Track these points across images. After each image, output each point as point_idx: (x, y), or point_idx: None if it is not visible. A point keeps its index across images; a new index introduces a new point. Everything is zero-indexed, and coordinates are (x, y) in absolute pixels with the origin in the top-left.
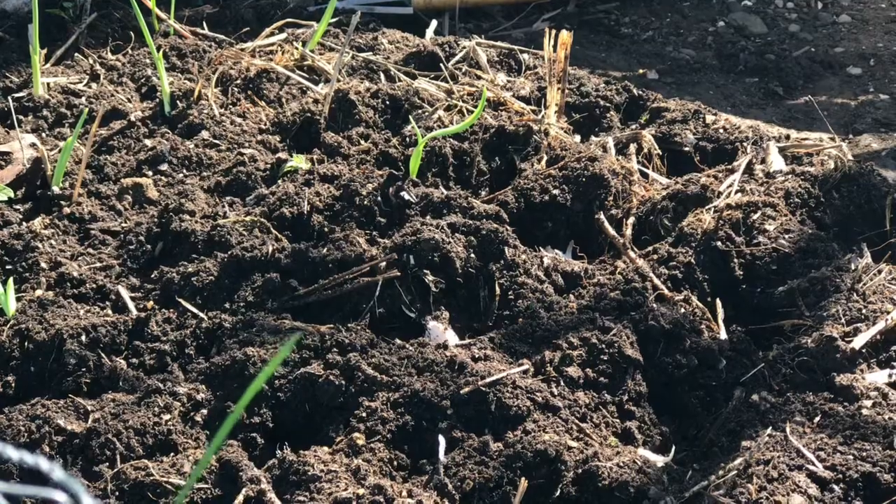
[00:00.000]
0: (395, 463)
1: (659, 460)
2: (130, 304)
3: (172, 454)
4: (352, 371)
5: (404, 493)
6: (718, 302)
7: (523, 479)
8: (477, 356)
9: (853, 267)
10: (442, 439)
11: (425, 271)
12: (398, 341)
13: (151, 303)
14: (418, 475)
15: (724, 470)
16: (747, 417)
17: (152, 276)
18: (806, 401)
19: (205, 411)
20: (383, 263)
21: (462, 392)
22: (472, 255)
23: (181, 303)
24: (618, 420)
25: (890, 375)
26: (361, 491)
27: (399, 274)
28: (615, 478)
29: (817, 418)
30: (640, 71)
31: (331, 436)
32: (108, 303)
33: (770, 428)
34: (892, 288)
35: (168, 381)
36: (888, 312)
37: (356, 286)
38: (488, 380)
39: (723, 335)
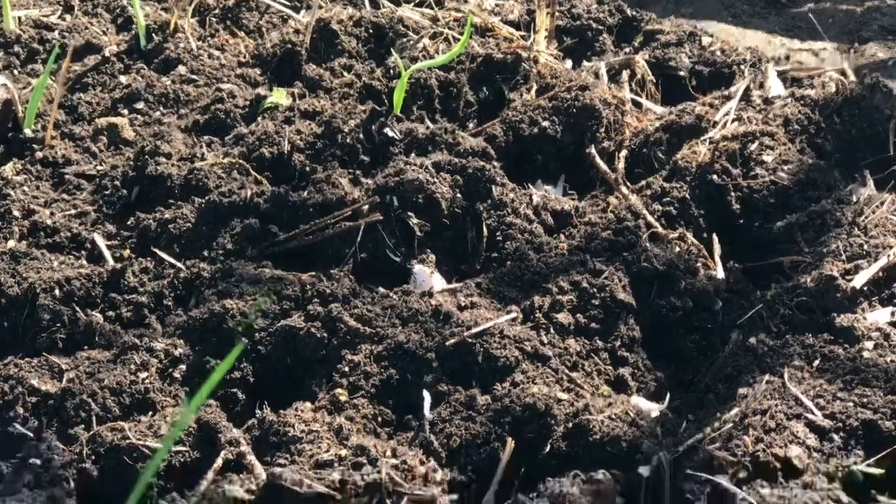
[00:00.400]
0: (380, 419)
1: (653, 409)
2: (107, 254)
3: (150, 413)
4: (334, 323)
5: (388, 453)
6: (715, 238)
7: (510, 439)
8: (463, 304)
9: (854, 198)
10: (427, 395)
11: (409, 214)
12: (381, 290)
13: (128, 251)
14: (403, 431)
15: (720, 421)
16: (744, 362)
17: (128, 222)
18: (805, 343)
19: (183, 367)
20: (366, 207)
21: (448, 343)
22: (458, 195)
23: (158, 253)
24: (610, 367)
25: (892, 314)
26: (344, 452)
27: (382, 218)
28: (607, 432)
29: (816, 362)
30: None
31: (313, 390)
32: (83, 252)
33: (768, 374)
34: (895, 220)
35: (145, 336)
36: (890, 247)
37: (338, 231)
38: (475, 330)
39: (719, 273)
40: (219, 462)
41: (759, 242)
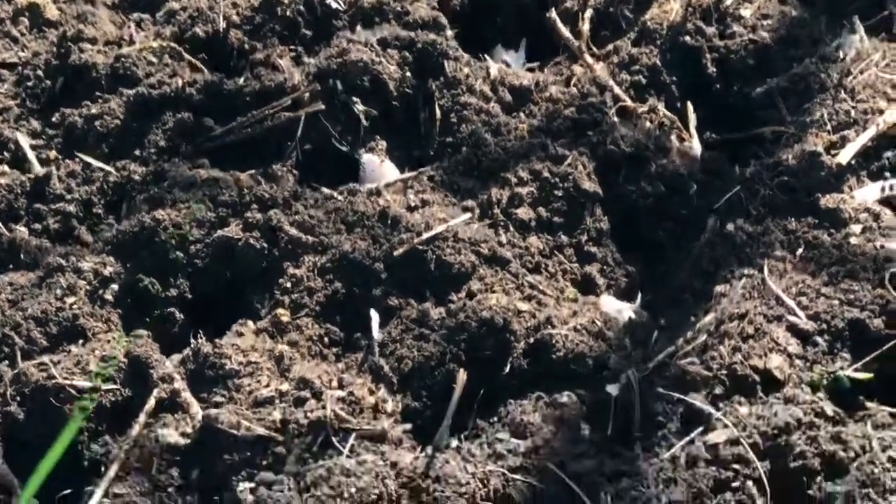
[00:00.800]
0: (326, 339)
1: (624, 309)
2: (31, 156)
3: (81, 342)
4: (274, 232)
5: (334, 383)
6: (690, 106)
7: (462, 371)
8: (413, 203)
9: (842, 55)
10: (375, 314)
11: (355, 99)
12: (325, 191)
13: (54, 153)
14: (352, 352)
15: (694, 330)
16: (721, 253)
17: (53, 119)
18: (787, 229)
19: (115, 287)
20: (307, 95)
21: (396, 253)
22: (408, 74)
23: (84, 158)
24: (576, 265)
25: (882, 189)
26: (285, 386)
27: (324, 107)
28: (571, 348)
29: (800, 250)
30: None
31: (255, 307)
32: (6, 154)
33: (746, 266)
34: (887, 78)
35: (72, 255)
36: (881, 112)
37: (278, 122)
38: (426, 235)
39: (695, 145)
40: (151, 402)
41: (738, 110)
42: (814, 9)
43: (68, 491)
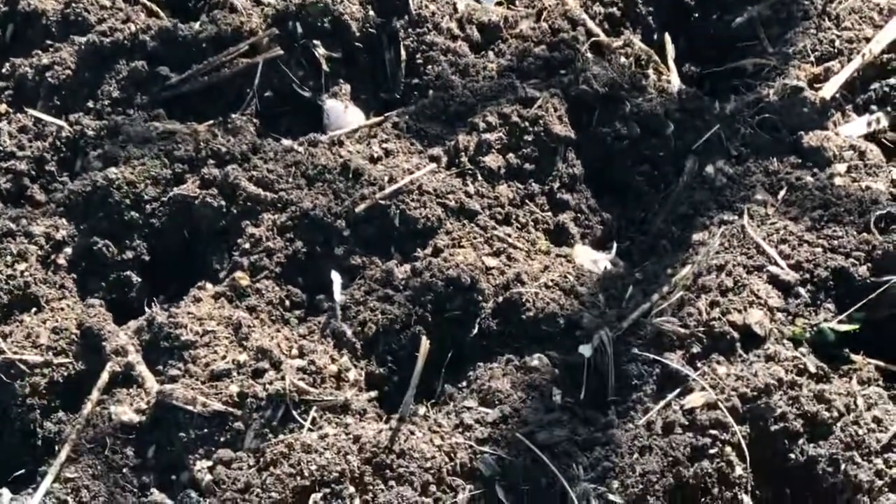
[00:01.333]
0: (287, 302)
1: (599, 260)
2: None
3: (34, 311)
4: (232, 189)
5: (294, 352)
6: (667, 37)
7: (424, 338)
8: (377, 154)
9: None
10: (336, 276)
11: (316, 42)
12: (285, 142)
13: (4, 106)
14: (314, 315)
15: (670, 285)
16: (700, 197)
17: (3, 70)
18: (769, 170)
19: (68, 250)
20: (265, 39)
21: (359, 209)
22: (371, 13)
23: (36, 114)
24: (549, 214)
25: (868, 124)
26: (243, 357)
27: (284, 52)
28: (542, 307)
29: (782, 192)
30: None
31: (214, 268)
32: None
33: (726, 212)
34: (873, 3)
35: (22, 217)
36: (867, 40)
37: (236, 70)
38: (389, 189)
39: (674, 80)
40: (105, 377)
41: (718, 41)
42: None
43: (22, 471)
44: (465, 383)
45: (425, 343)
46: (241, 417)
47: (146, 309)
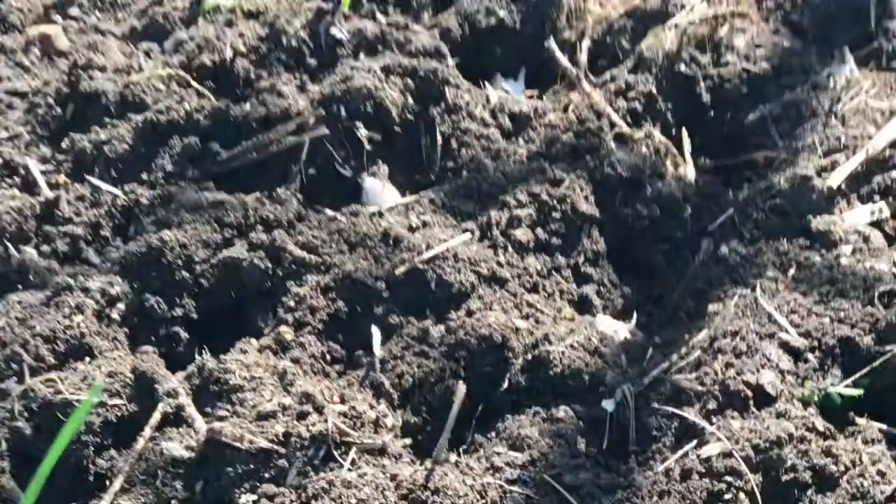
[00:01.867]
0: (328, 357)
1: (619, 329)
2: (41, 180)
3: (87, 360)
4: (278, 252)
5: (336, 398)
6: (685, 132)
7: (461, 383)
8: (415, 224)
9: (832, 83)
10: (376, 331)
11: (357, 124)
12: (328, 212)
13: (63, 177)
14: (354, 369)
15: (688, 346)
16: (715, 273)
17: (63, 145)
18: (779, 250)
19: (122, 306)
20: (311, 119)
21: (398, 271)
22: (410, 101)
23: (93, 182)
24: (573, 286)
25: (872, 213)
26: (288, 400)
27: (328, 131)
28: (568, 364)
29: (791, 271)
30: None
31: (259, 325)
32: (16, 179)
33: (740, 286)
34: (876, 106)
35: (80, 274)
36: (870, 138)
37: (283, 147)
38: (427, 255)
39: (690, 171)
40: (157, 416)
41: (731, 137)
42: (805, 40)
43: None
44: (494, 433)
45: (462, 386)
46: (285, 455)
47: (196, 357)
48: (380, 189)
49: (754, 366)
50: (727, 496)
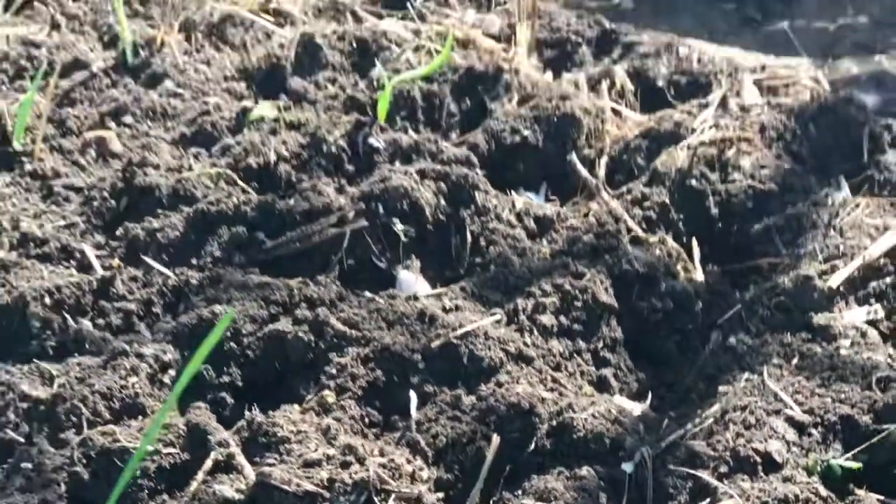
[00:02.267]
0: (367, 420)
1: (635, 408)
2: (95, 263)
3: (140, 417)
4: (321, 326)
5: (376, 452)
6: (694, 242)
7: (496, 435)
8: (448, 307)
9: (830, 202)
10: (413, 395)
11: (394, 220)
12: (368, 294)
13: (117, 261)
14: (390, 432)
15: (701, 417)
16: (724, 361)
17: (117, 233)
18: (783, 342)
19: (172, 372)
20: (351, 213)
21: (433, 345)
22: (443, 202)
23: (147, 261)
24: (593, 368)
25: (868, 313)
26: (332, 451)
27: (367, 224)
28: (590, 429)
29: (795, 360)
30: (615, 1)
31: (301, 393)
32: (72, 262)
33: (747, 372)
34: (870, 223)
35: (135, 342)
36: (866, 248)
37: (324, 238)
38: (460, 332)
39: (699, 276)
40: (209, 463)
41: (738, 245)
42: (805, 167)
43: None
44: (521, 491)
45: (496, 439)
46: (329, 499)
47: (245, 413)
48: (413, 281)
49: (762, 436)
50: None
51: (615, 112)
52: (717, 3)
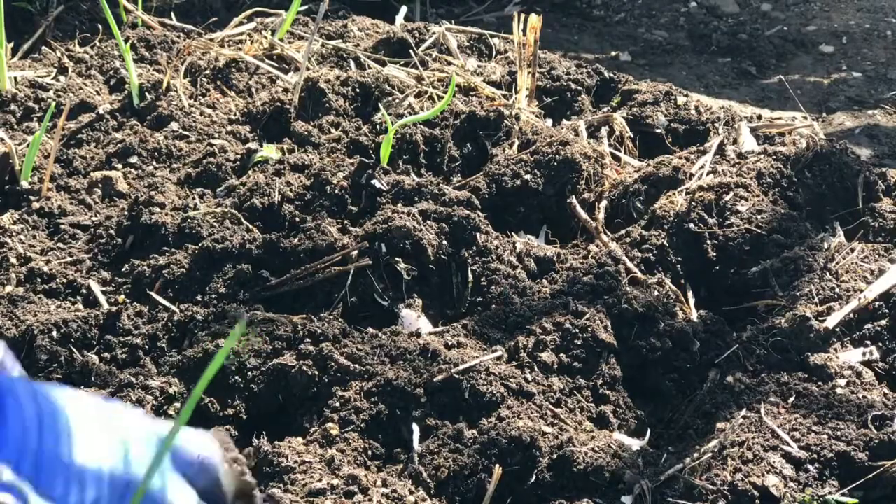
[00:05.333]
0: (370, 452)
1: (634, 444)
2: (102, 298)
3: None
4: (324, 361)
5: (378, 483)
6: (689, 288)
7: (497, 466)
8: (450, 343)
9: (826, 246)
10: (416, 427)
11: (397, 259)
12: (371, 330)
13: (123, 297)
14: (393, 464)
15: (699, 452)
16: (722, 399)
17: (123, 269)
18: (780, 381)
19: (178, 405)
20: (355, 252)
21: (435, 380)
22: (444, 242)
23: (152, 296)
24: (592, 405)
25: (864, 354)
26: (336, 481)
27: (371, 262)
28: (590, 462)
29: (792, 398)
30: (613, 53)
31: (305, 426)
32: (79, 297)
33: (745, 409)
34: (865, 266)
35: (140, 374)
36: (861, 291)
37: (328, 276)
38: (461, 367)
39: (694, 318)
40: None
41: (735, 287)
42: (800, 213)
43: None
44: None
45: (498, 469)
46: None
47: (253, 441)
48: (414, 319)
49: (760, 471)
50: None
51: (614, 157)
52: (712, 58)
